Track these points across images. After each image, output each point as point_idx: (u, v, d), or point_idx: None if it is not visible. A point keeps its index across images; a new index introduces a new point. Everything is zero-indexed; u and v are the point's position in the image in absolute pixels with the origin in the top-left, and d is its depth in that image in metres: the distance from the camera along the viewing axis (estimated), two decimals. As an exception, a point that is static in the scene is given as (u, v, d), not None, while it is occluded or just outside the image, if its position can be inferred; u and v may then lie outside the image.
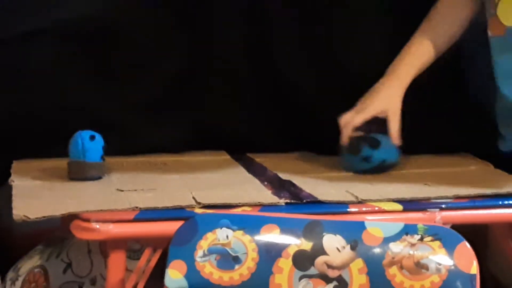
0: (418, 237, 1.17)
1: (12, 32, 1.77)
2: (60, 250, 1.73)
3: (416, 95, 1.75)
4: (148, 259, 1.42)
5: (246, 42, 1.87)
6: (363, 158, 1.71)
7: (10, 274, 1.76)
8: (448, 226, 1.40)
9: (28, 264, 1.74)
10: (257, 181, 1.64)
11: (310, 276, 1.18)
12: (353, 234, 1.19)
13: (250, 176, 1.69)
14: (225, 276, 1.21)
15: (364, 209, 1.48)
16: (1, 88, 1.79)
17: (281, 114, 1.90)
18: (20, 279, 1.73)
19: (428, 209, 1.49)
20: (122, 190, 1.53)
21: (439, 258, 1.14)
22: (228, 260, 1.21)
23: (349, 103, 1.86)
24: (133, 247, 1.63)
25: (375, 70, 1.83)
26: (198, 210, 1.42)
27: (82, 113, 1.79)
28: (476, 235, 1.56)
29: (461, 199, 1.53)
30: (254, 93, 1.89)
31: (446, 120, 1.88)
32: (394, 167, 1.73)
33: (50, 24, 1.79)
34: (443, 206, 1.50)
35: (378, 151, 1.70)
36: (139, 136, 1.85)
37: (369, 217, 1.43)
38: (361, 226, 1.20)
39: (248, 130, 1.89)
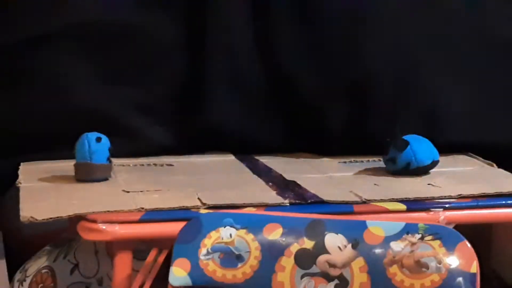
0: (419, 236, 1.17)
1: (19, 36, 1.79)
2: (67, 251, 1.74)
3: None
4: (154, 260, 1.43)
5: (251, 42, 1.88)
6: (389, 159, 1.73)
7: (18, 275, 1.77)
8: (451, 226, 1.40)
9: (36, 265, 1.75)
10: (261, 182, 1.65)
11: (312, 275, 1.19)
12: (355, 233, 1.19)
13: (255, 176, 1.70)
14: (228, 274, 1.22)
15: (368, 209, 1.49)
16: (8, 91, 1.81)
17: (286, 116, 1.91)
18: (28, 280, 1.74)
19: (432, 209, 1.50)
20: (128, 191, 1.54)
21: (439, 257, 1.15)
22: (231, 258, 1.22)
23: (355, 104, 1.88)
24: (139, 248, 1.64)
25: (380, 71, 1.84)
26: (204, 211, 1.43)
27: (89, 115, 1.80)
28: (480, 234, 1.58)
29: (464, 199, 1.54)
30: (259, 95, 1.90)
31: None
32: (427, 171, 1.71)
33: (57, 28, 1.80)
34: (447, 206, 1.51)
35: (403, 153, 1.70)
36: (145, 138, 1.86)
37: (373, 217, 1.44)
38: (362, 225, 1.20)
39: (253, 131, 1.90)
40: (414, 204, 1.51)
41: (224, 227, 1.25)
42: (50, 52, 1.81)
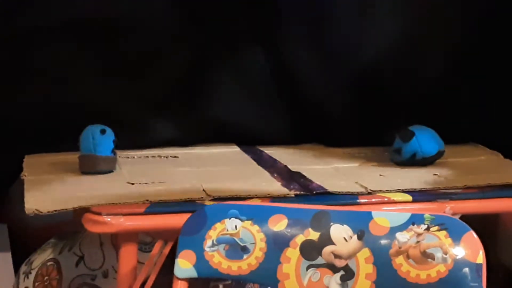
0: (425, 226, 1.17)
1: (22, 29, 1.78)
2: (72, 243, 1.74)
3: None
4: (159, 252, 1.43)
5: (256, 36, 1.88)
6: (395, 150, 1.72)
7: (23, 268, 1.78)
8: (457, 217, 1.40)
9: (41, 258, 1.76)
10: (267, 173, 1.64)
11: (317, 266, 1.19)
12: (360, 224, 1.19)
13: (260, 168, 1.70)
14: (234, 266, 1.22)
15: (373, 200, 1.48)
16: (13, 85, 1.81)
17: (290, 107, 1.91)
18: (33, 272, 1.74)
19: (438, 200, 1.49)
20: (133, 183, 1.54)
21: (445, 248, 1.14)
22: (236, 250, 1.22)
23: (357, 96, 1.88)
24: (144, 240, 1.64)
25: (381, 65, 1.84)
26: (209, 203, 1.43)
27: (93, 107, 1.80)
28: (486, 224, 1.57)
29: (470, 190, 1.54)
30: (263, 87, 1.90)
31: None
32: (432, 162, 1.71)
33: (61, 22, 1.80)
34: (453, 196, 1.50)
35: (409, 144, 1.70)
36: (149, 129, 1.86)
37: (379, 207, 1.44)
38: (368, 216, 1.20)
39: (257, 123, 1.90)
40: (420, 195, 1.50)
41: (229, 219, 1.24)
42: (53, 46, 1.81)
